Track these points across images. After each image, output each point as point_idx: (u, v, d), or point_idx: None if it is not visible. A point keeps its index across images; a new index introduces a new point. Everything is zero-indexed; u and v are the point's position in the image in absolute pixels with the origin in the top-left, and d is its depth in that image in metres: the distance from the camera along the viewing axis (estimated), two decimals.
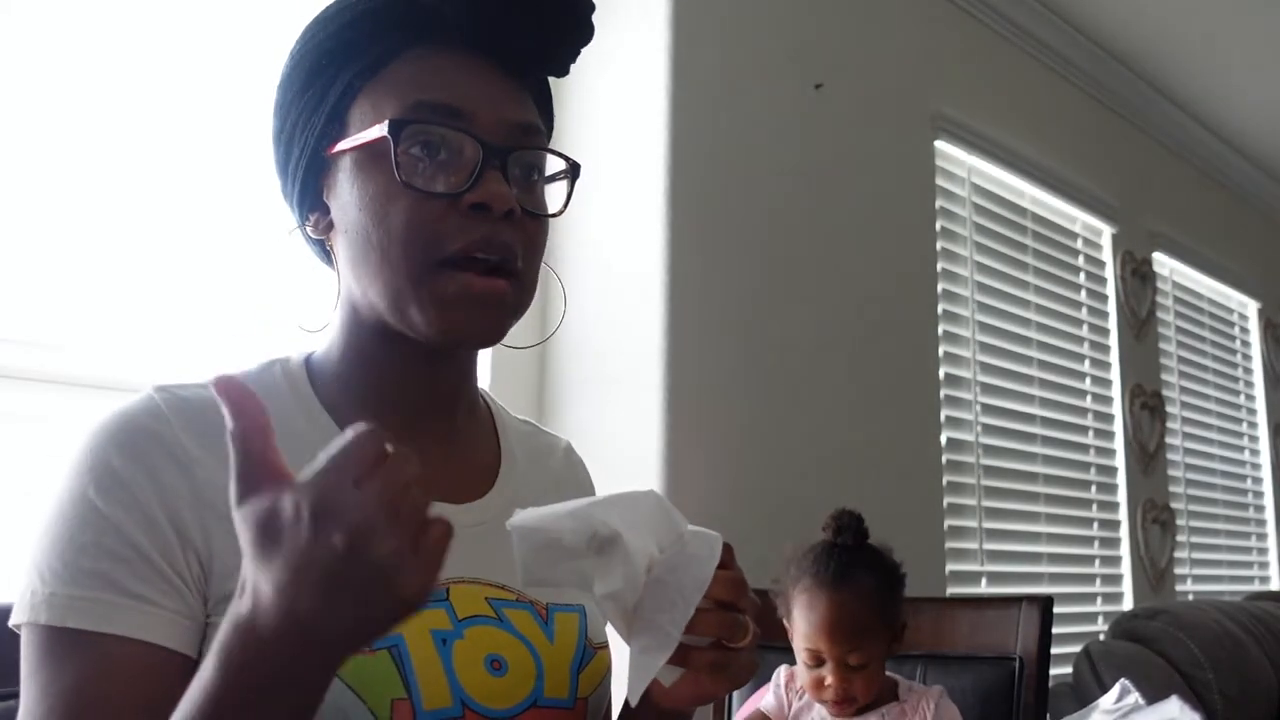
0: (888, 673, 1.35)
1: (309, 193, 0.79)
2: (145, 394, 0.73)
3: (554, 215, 0.79)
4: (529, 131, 0.77)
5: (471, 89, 0.74)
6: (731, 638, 0.65)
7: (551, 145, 0.81)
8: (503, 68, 0.76)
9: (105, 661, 0.64)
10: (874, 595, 1.30)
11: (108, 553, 0.65)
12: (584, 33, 0.79)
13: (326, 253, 0.81)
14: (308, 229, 0.80)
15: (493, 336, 0.75)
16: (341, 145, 0.75)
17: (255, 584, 0.51)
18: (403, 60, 0.75)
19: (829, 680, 1.27)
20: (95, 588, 0.65)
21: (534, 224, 0.77)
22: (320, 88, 0.76)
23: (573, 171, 0.81)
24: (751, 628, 0.66)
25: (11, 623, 0.66)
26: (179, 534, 0.67)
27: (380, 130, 0.72)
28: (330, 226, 0.78)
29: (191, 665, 0.66)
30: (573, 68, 0.81)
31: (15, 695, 0.89)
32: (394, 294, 0.73)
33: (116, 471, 0.67)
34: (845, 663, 1.26)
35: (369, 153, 0.73)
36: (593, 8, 0.79)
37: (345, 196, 0.75)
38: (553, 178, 0.81)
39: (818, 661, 1.28)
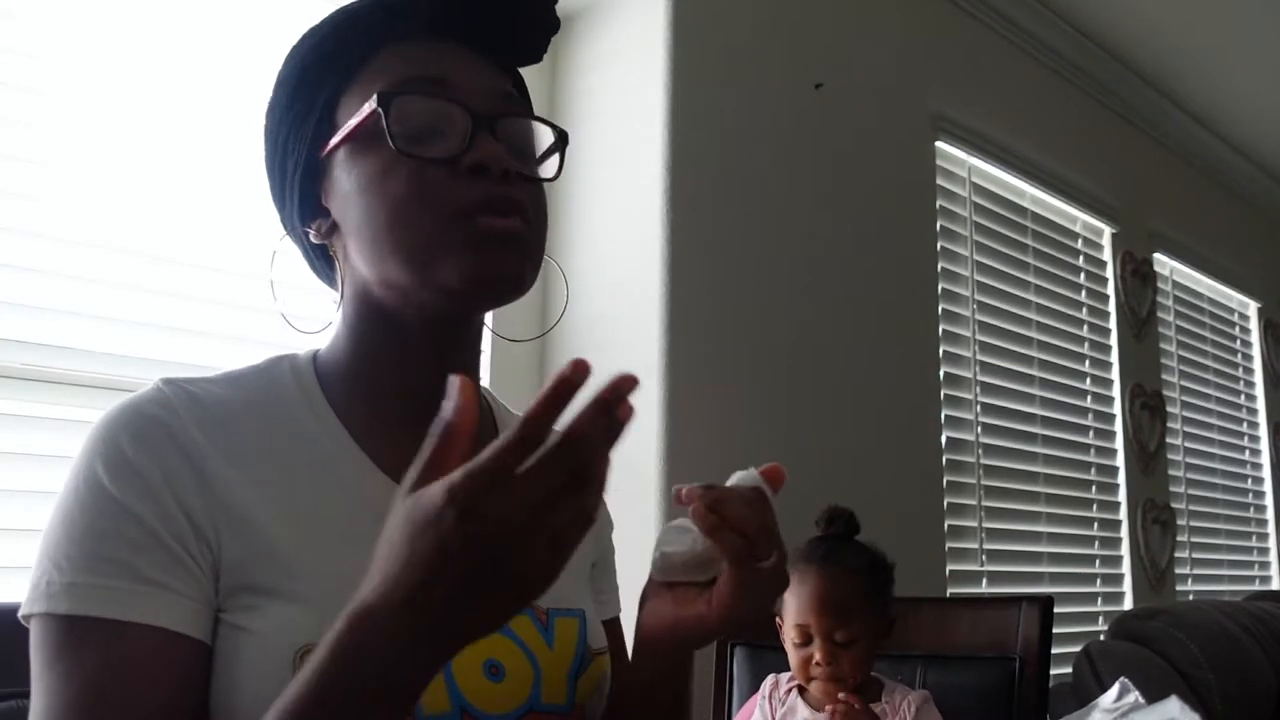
0: (876, 674, 1.36)
1: (308, 202, 0.79)
2: (153, 386, 0.73)
3: (549, 180, 0.80)
4: (511, 99, 0.79)
5: (453, 63, 0.77)
6: (754, 542, 0.70)
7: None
8: (479, 53, 0.79)
9: (126, 649, 0.63)
10: (860, 574, 1.33)
11: (127, 540, 0.65)
12: (550, 19, 0.82)
13: (329, 259, 0.81)
14: (311, 237, 0.80)
15: (518, 281, 0.75)
16: (335, 139, 0.76)
17: (389, 569, 0.53)
18: (382, 53, 0.77)
19: (816, 657, 1.29)
20: (115, 575, 0.64)
21: (532, 187, 0.77)
22: (307, 98, 0.78)
23: (561, 141, 0.82)
24: (779, 545, 0.71)
25: (23, 613, 0.66)
26: (191, 522, 0.67)
27: (370, 105, 0.72)
28: (334, 229, 0.78)
29: (207, 652, 0.67)
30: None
31: (16, 695, 0.87)
32: (416, 256, 0.72)
33: (130, 459, 0.67)
34: (832, 638, 1.29)
35: (362, 136, 0.74)
36: None
37: (345, 187, 0.75)
38: (543, 156, 0.82)
39: (806, 639, 1.30)
